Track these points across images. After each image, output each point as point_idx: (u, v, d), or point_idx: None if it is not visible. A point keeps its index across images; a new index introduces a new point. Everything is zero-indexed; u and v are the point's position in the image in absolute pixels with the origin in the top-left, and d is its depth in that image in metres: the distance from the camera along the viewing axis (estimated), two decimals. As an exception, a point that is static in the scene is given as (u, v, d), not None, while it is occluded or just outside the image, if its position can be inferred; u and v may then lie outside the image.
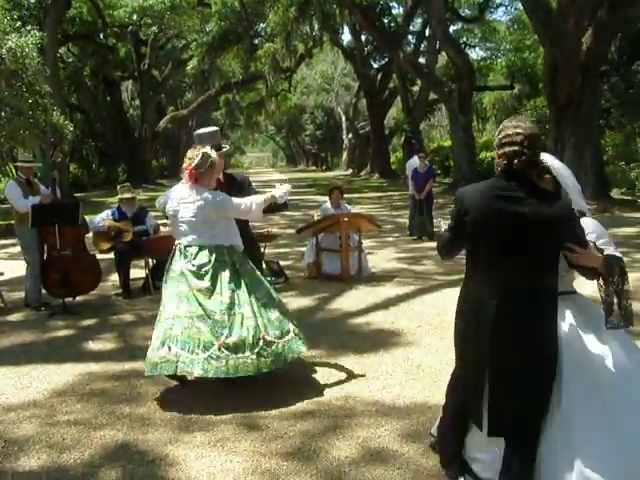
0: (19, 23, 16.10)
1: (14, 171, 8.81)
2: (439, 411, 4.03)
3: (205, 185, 5.33)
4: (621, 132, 24.36)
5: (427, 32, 37.02)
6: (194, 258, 5.24)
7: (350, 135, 56.06)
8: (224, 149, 6.05)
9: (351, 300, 8.65)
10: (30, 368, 6.16)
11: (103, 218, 9.36)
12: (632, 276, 9.42)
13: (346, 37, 61.56)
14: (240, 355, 4.97)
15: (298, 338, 5.35)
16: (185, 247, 5.31)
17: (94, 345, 6.91)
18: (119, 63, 40.21)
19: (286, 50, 36.56)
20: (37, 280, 8.52)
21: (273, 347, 5.12)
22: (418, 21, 41.53)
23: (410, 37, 42.24)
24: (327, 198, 11.04)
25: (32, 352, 6.70)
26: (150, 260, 9.50)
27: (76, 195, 26.82)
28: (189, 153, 5.31)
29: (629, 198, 21.15)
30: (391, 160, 45.13)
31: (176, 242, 5.41)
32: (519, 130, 3.31)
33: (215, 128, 6.30)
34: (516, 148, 3.28)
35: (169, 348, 5.00)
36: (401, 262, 11.55)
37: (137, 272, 9.77)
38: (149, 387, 5.54)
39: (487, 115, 51.19)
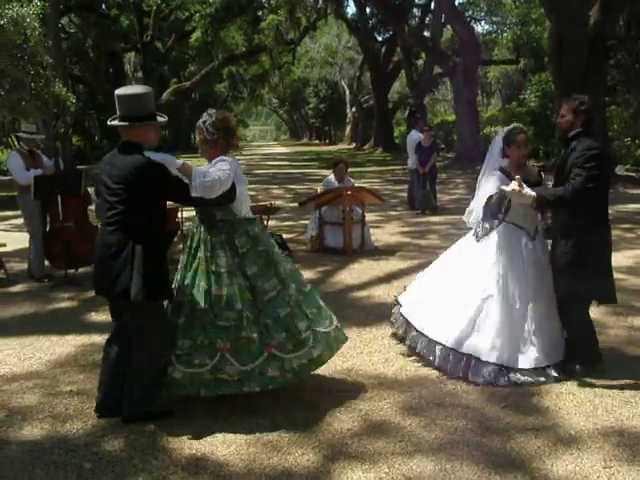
0: (20, -7, 15.95)
1: (16, 142, 8.73)
2: (443, 384, 4.01)
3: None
4: (627, 108, 24.13)
5: (432, 5, 36.69)
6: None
7: (354, 109, 55.74)
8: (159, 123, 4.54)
9: (354, 273, 8.64)
10: (33, 339, 6.18)
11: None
12: (635, 252, 9.43)
13: (350, 9, 61.17)
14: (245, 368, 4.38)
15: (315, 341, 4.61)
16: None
17: (96, 316, 6.93)
18: (122, 34, 39.94)
19: (290, 22, 36.23)
20: (40, 251, 8.51)
21: (279, 360, 4.44)
22: (423, -6, 41.12)
23: (415, 10, 41.89)
24: (330, 172, 10.98)
25: (35, 323, 6.72)
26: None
27: (79, 167, 26.74)
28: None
29: (634, 175, 21.03)
30: (395, 134, 44.94)
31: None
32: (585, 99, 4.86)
33: (144, 89, 4.50)
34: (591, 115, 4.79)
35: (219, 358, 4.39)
36: (405, 236, 11.53)
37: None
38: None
39: (492, 89, 50.88)
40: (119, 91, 4.38)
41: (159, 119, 4.45)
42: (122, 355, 4.38)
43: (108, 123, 4.47)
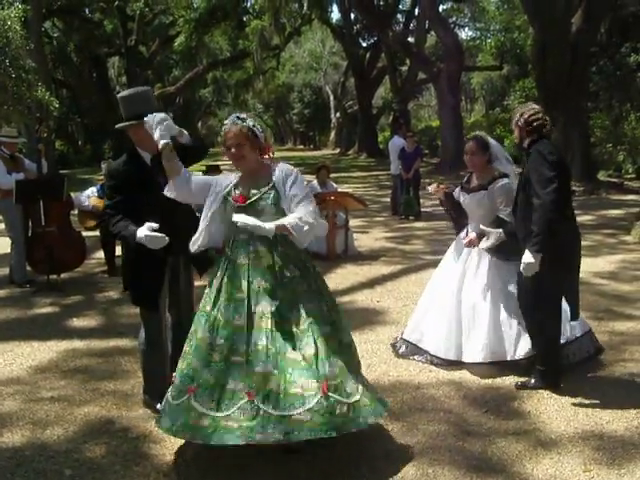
0: (2, -5, 15.86)
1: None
2: (425, 389, 4.03)
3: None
4: (609, 114, 24.35)
5: (416, 11, 36.83)
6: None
7: (338, 114, 55.77)
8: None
9: (337, 279, 8.65)
10: (14, 345, 6.13)
11: (88, 195, 9.28)
12: (616, 257, 9.51)
13: (335, 15, 61.21)
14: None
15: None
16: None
17: (78, 322, 6.89)
18: (105, 39, 39.73)
19: (274, 28, 36.20)
20: (22, 257, 8.44)
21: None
22: (407, 0, 41.29)
23: (399, 16, 42.05)
24: (314, 177, 11.01)
25: (16, 329, 6.67)
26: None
27: (62, 172, 26.59)
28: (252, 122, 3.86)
29: (616, 180, 21.20)
30: (379, 139, 45.00)
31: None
32: (537, 108, 4.79)
33: (144, 88, 4.65)
34: (541, 121, 4.68)
35: (252, 401, 3.57)
36: (389, 241, 11.56)
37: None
38: (133, 364, 5.51)
39: (475, 96, 51.16)
40: (121, 93, 4.50)
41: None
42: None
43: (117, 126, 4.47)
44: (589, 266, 8.93)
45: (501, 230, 5.05)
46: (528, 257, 4.49)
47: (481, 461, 3.85)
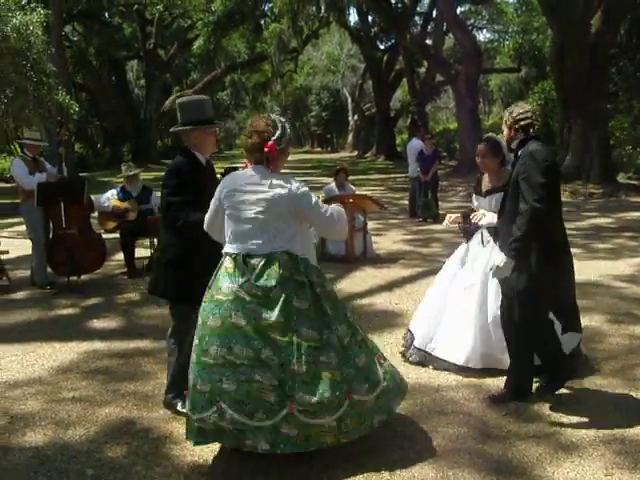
0: (24, 1, 16.01)
1: (19, 150, 8.82)
2: (444, 392, 4.03)
3: (279, 167, 3.97)
4: (629, 116, 24.16)
5: (434, 13, 36.75)
6: (258, 275, 3.74)
7: (356, 117, 55.84)
8: (218, 125, 4.90)
9: (355, 281, 8.65)
10: (35, 346, 6.19)
11: (108, 197, 9.36)
12: (636, 260, 9.43)
13: (353, 18, 61.24)
14: (319, 421, 3.66)
15: (389, 390, 3.98)
16: (244, 257, 3.80)
17: (99, 323, 6.94)
18: (124, 42, 40.07)
19: (292, 30, 36.33)
20: (43, 258, 8.52)
21: (358, 408, 3.77)
22: (425, 2, 41.23)
23: (417, 18, 41.97)
24: (332, 179, 11.02)
25: (37, 330, 6.73)
26: (155, 239, 9.50)
27: (81, 174, 26.81)
28: (257, 123, 3.87)
29: (635, 183, 21.01)
30: (397, 142, 44.99)
31: (226, 250, 3.89)
32: (528, 107, 4.63)
33: (204, 97, 5.02)
34: (530, 121, 4.52)
35: (220, 410, 3.64)
36: (407, 244, 11.55)
37: (142, 251, 9.78)
38: (153, 365, 5.56)
39: (493, 98, 50.98)
40: (179, 100, 4.78)
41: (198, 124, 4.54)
42: None
43: (171, 130, 4.83)
44: (609, 269, 8.89)
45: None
46: (501, 259, 4.33)
47: (501, 464, 3.84)
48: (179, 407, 4.49)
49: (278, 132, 3.83)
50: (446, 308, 5.46)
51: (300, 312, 3.72)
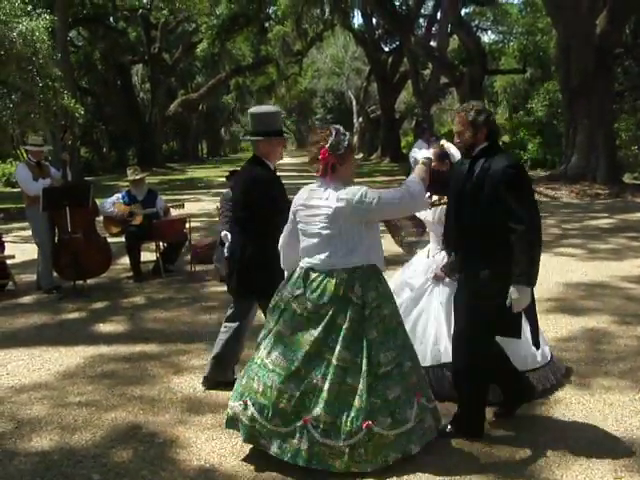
0: (30, 7, 16.06)
1: (25, 154, 8.87)
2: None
3: (343, 177, 3.92)
4: (634, 116, 24.11)
5: (438, 15, 36.71)
6: (313, 290, 3.80)
7: (361, 119, 55.77)
8: (287, 137, 5.04)
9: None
10: (41, 350, 6.19)
11: (113, 201, 9.36)
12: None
13: (357, 20, 61.27)
14: (329, 441, 3.68)
15: (413, 431, 3.80)
16: (307, 271, 3.88)
17: (105, 328, 6.94)
18: (129, 47, 40.17)
19: (296, 33, 36.34)
20: (48, 263, 8.54)
21: (376, 440, 3.67)
22: (429, 4, 41.19)
23: (421, 20, 41.92)
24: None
25: (44, 334, 6.74)
26: (160, 243, 9.51)
27: (87, 178, 26.87)
28: (313, 134, 4.01)
29: (641, 183, 20.98)
30: (402, 144, 44.92)
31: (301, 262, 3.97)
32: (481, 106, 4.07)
33: (276, 108, 5.30)
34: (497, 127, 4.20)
35: (245, 405, 3.86)
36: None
37: (148, 255, 9.78)
38: (159, 369, 5.56)
39: (498, 99, 50.83)
40: (252, 110, 4.98)
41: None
42: None
43: (241, 137, 5.06)
44: (615, 270, 8.85)
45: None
46: (520, 291, 3.78)
47: (509, 467, 3.81)
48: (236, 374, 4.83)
49: (331, 138, 3.85)
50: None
51: (340, 330, 3.73)
